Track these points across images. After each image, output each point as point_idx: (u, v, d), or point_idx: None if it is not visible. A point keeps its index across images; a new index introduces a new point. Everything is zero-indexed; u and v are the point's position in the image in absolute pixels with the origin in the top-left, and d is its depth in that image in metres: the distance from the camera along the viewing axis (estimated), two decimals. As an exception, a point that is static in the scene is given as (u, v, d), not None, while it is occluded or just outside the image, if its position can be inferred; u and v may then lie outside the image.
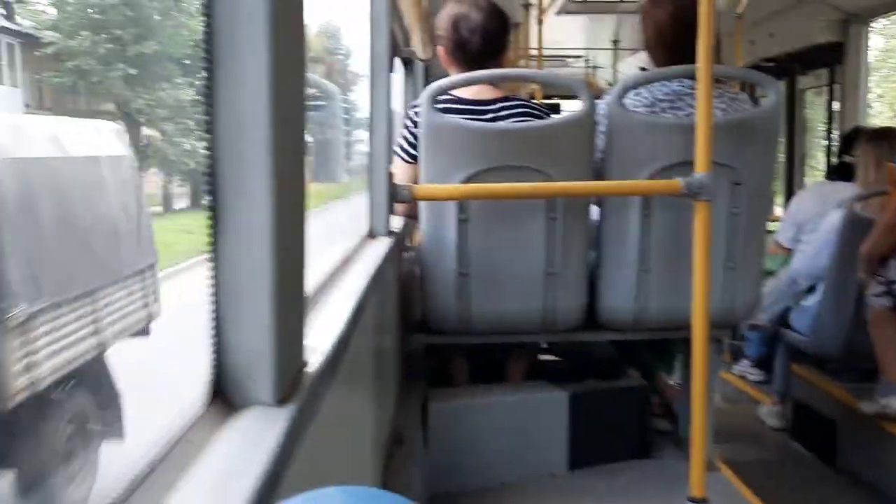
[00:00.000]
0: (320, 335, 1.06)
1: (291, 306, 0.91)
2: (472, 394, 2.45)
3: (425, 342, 2.46)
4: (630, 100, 2.32)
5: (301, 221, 0.96)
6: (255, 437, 0.77)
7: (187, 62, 28.17)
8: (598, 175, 2.29)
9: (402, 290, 2.44)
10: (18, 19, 26.22)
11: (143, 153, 26.74)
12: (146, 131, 27.94)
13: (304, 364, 0.96)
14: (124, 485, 0.64)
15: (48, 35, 24.68)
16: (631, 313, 2.33)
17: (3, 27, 23.73)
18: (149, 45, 24.47)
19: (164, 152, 26.57)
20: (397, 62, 3.74)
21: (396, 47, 2.98)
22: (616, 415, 2.46)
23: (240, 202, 0.82)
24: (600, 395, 2.45)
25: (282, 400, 0.85)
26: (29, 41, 25.18)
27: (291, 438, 0.79)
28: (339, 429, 1.22)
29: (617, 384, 2.56)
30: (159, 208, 29.93)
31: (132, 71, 24.61)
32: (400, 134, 2.54)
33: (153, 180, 29.98)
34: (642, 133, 2.25)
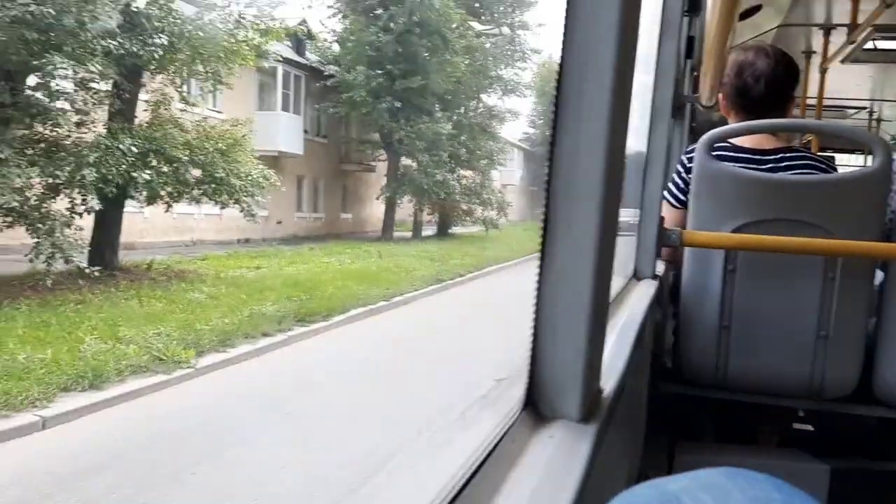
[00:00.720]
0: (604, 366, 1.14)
1: (598, 333, 0.97)
2: (722, 452, 2.34)
3: (674, 391, 2.37)
4: None
5: (612, 257, 1.03)
6: (567, 450, 0.85)
7: (448, 97, 29.60)
8: (887, 236, 2.14)
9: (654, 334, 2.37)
10: (308, 54, 29.15)
11: (400, 181, 28.41)
12: (404, 161, 29.70)
13: (601, 390, 1.04)
14: (466, 468, 0.72)
15: (330, 69, 27.14)
16: None
17: (293, 61, 26.53)
18: (414, 80, 25.98)
19: (418, 182, 28.02)
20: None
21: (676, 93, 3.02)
22: (884, 500, 2.24)
23: (568, 236, 0.91)
24: (867, 475, 2.24)
25: (584, 418, 0.93)
26: (313, 74, 27.95)
27: (595, 457, 0.85)
28: (612, 458, 1.26)
29: (887, 466, 2.33)
30: (408, 234, 31.56)
31: (397, 104, 26.27)
32: (670, 178, 2.51)
33: (406, 207, 31.75)
34: None
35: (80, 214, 12.58)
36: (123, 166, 11.25)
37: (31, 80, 10.80)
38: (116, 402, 6.93)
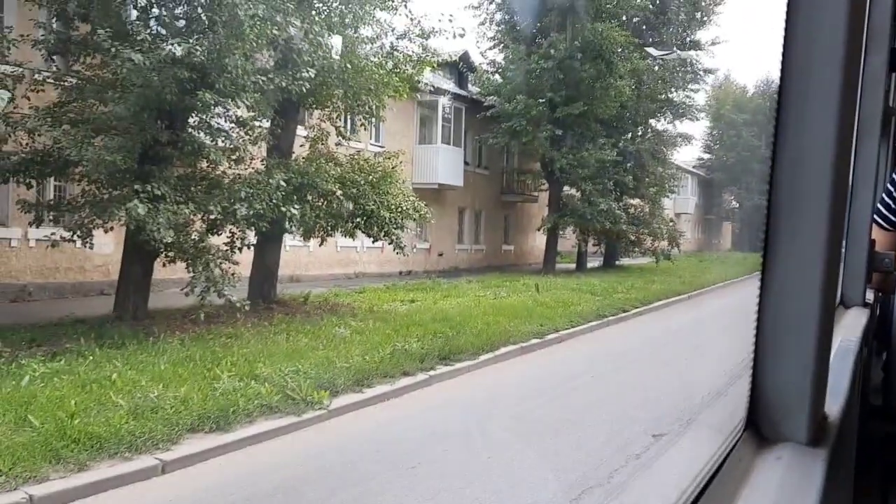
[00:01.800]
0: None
1: (824, 354, 0.95)
2: None
3: (885, 431, 2.20)
4: None
5: (838, 273, 1.08)
6: (798, 474, 0.84)
7: (614, 123, 28.42)
8: None
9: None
10: (470, 87, 29.14)
11: (562, 211, 27.51)
12: (567, 190, 28.78)
13: (826, 415, 1.02)
14: (696, 484, 0.77)
15: (490, 100, 26.93)
16: None
17: (453, 93, 26.57)
18: (576, 107, 25.10)
19: (580, 211, 26.97)
20: None
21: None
22: None
23: (791, 253, 0.90)
24: None
25: (812, 442, 0.92)
26: (473, 105, 27.87)
27: (828, 484, 0.83)
28: (840, 490, 1.21)
29: None
30: (573, 266, 30.48)
31: (558, 131, 25.47)
32: (879, 199, 2.34)
33: (569, 238, 30.76)
34: None
35: (240, 249, 12.88)
36: (273, 201, 11.30)
37: (191, 119, 11.18)
38: (240, 445, 6.62)
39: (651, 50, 30.70)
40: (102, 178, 9.92)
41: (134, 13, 8.76)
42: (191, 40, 9.27)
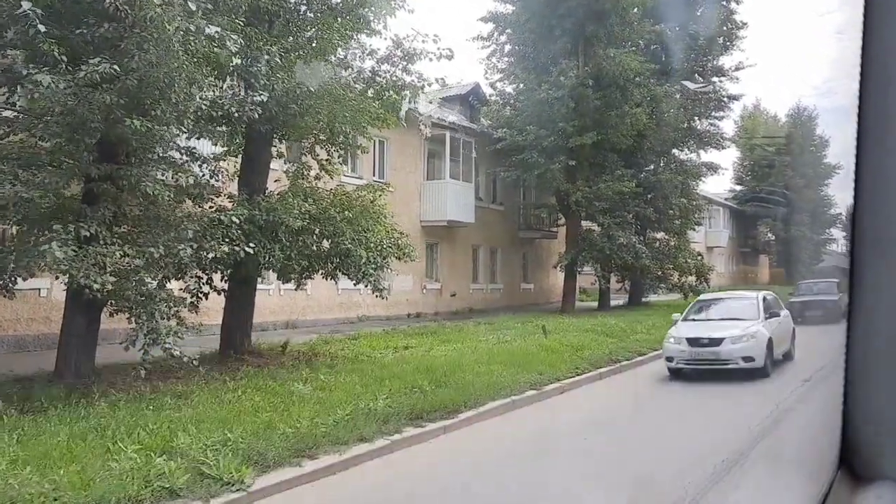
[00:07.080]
0: None
1: None
2: None
3: None
4: None
5: None
6: None
7: (634, 154, 26.99)
8: None
9: None
10: (482, 119, 27.98)
11: (580, 247, 25.99)
12: (586, 224, 27.30)
13: None
14: None
15: (500, 132, 25.73)
16: None
17: (462, 126, 25.38)
18: (589, 136, 23.76)
19: (599, 246, 25.44)
20: None
21: None
22: None
23: (879, 276, 0.88)
24: None
25: None
26: (484, 139, 26.67)
27: None
28: None
29: None
30: (594, 304, 28.78)
31: (571, 162, 24.11)
32: None
33: (588, 276, 29.10)
34: None
35: (205, 295, 11.68)
36: (228, 239, 10.08)
37: (141, 151, 10.05)
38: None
39: (688, 83, 29.45)
40: (24, 219, 8.80)
41: (42, 27, 7.65)
42: (114, 60, 8.15)
